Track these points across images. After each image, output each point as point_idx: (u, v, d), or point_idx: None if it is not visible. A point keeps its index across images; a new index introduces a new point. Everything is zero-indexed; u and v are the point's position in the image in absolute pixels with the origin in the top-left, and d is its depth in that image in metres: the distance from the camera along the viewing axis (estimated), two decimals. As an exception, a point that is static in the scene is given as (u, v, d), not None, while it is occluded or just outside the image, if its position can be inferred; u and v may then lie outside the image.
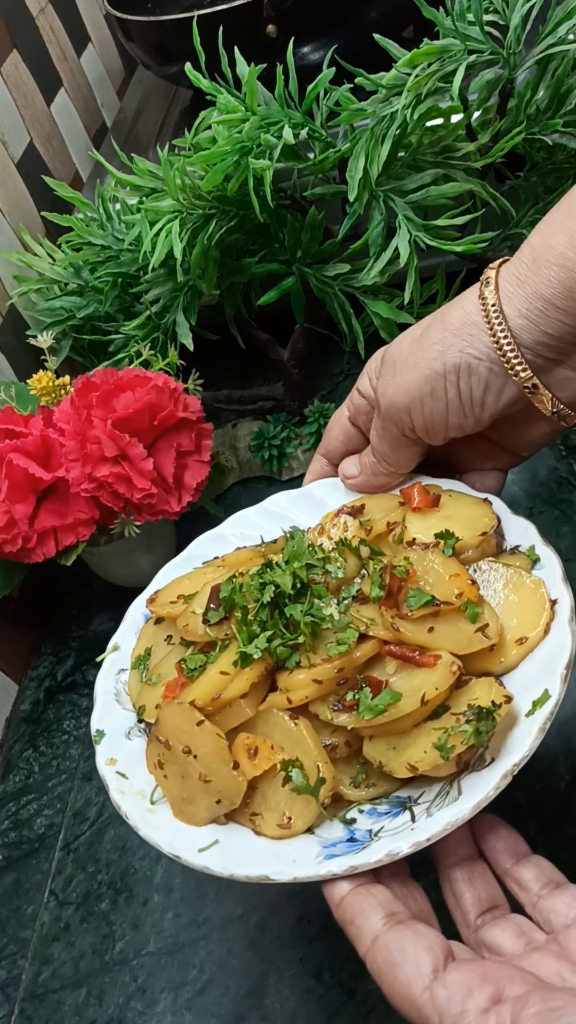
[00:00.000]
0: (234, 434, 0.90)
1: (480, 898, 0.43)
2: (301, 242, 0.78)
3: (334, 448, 0.59)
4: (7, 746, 0.77)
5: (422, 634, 0.47)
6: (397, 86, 0.67)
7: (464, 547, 0.51)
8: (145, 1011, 0.58)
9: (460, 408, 0.49)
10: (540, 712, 0.43)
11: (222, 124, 0.69)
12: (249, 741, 0.47)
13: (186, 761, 0.47)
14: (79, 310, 0.83)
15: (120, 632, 0.57)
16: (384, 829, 0.45)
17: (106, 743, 0.52)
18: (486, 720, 0.43)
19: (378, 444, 0.54)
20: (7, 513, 0.69)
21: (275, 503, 0.61)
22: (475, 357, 0.47)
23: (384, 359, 0.52)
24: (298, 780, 0.45)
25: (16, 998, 0.62)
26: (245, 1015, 0.56)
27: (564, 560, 0.50)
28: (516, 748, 0.43)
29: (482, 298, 0.46)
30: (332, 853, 0.44)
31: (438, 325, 0.49)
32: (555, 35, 0.65)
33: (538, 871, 0.44)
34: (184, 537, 0.83)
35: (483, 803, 0.41)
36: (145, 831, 0.47)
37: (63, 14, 1.09)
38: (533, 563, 0.51)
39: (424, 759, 0.44)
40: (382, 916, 0.40)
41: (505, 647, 0.47)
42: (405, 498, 0.54)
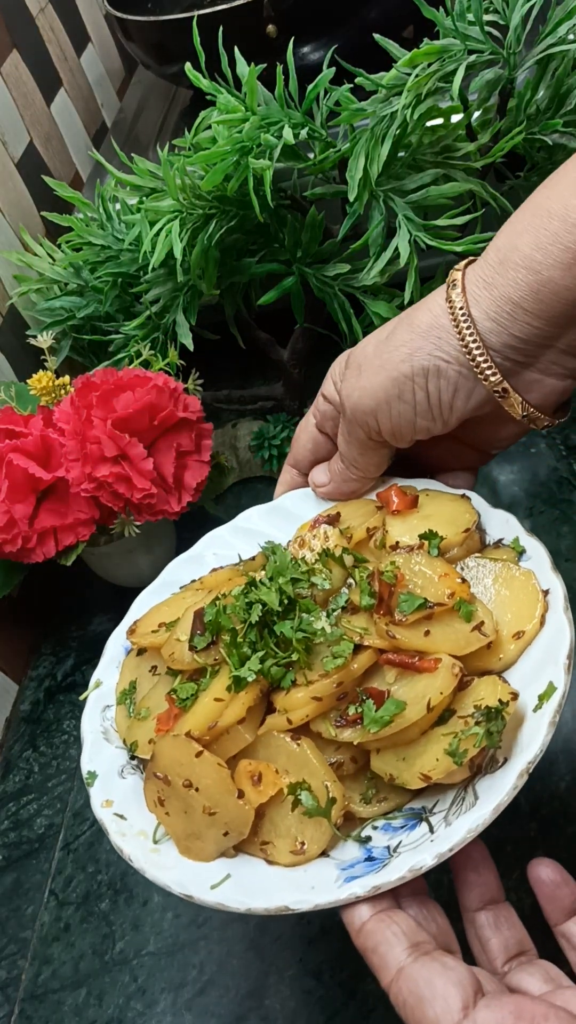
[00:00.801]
0: (234, 434, 0.90)
1: (507, 944, 0.42)
2: (301, 242, 0.78)
3: (303, 457, 0.58)
4: (7, 746, 0.77)
5: (419, 638, 0.46)
6: (397, 86, 0.67)
7: (448, 545, 0.50)
8: (145, 1011, 0.58)
9: (428, 411, 0.48)
10: (548, 705, 0.42)
11: (222, 124, 0.69)
12: (252, 767, 0.45)
13: (188, 795, 0.45)
14: (79, 310, 0.83)
15: (101, 667, 0.55)
16: (403, 844, 0.43)
17: (100, 784, 0.49)
18: (496, 720, 0.42)
19: (346, 450, 0.54)
20: (7, 513, 0.69)
21: (247, 519, 0.59)
22: (444, 360, 0.46)
23: (348, 362, 0.51)
24: (308, 803, 0.44)
25: (16, 998, 0.62)
26: (245, 1015, 0.56)
27: (564, 560, 0.50)
28: (527, 745, 0.42)
29: (449, 300, 0.46)
30: (352, 875, 0.42)
31: (404, 327, 0.48)
32: (555, 35, 0.65)
33: None
34: (184, 537, 0.83)
35: (503, 805, 0.40)
36: (152, 873, 0.44)
37: (63, 14, 1.09)
38: (519, 555, 0.50)
39: (437, 767, 0.42)
40: (406, 946, 0.39)
41: (503, 643, 0.46)
42: (383, 501, 0.53)
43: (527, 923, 0.44)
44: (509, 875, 0.57)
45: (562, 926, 0.43)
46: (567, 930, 0.43)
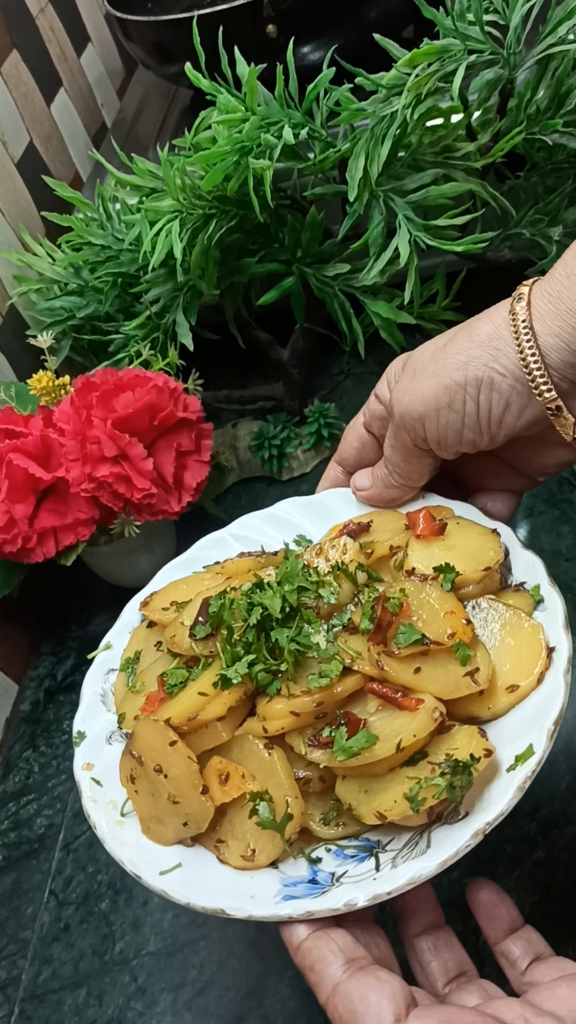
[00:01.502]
0: (234, 434, 0.90)
1: (447, 966, 0.43)
2: (301, 242, 0.78)
3: (348, 455, 0.57)
4: (7, 746, 0.77)
5: (407, 674, 0.45)
6: (397, 86, 0.67)
7: (465, 581, 0.48)
8: (145, 1011, 0.58)
9: (476, 423, 0.47)
10: (521, 769, 0.41)
11: (222, 124, 0.69)
12: (221, 766, 0.46)
13: (157, 780, 0.46)
14: (79, 310, 0.83)
15: (114, 631, 0.56)
16: (347, 874, 0.43)
17: (85, 746, 0.51)
18: (462, 775, 0.41)
19: (390, 454, 0.53)
20: (7, 513, 0.69)
21: (283, 509, 0.59)
22: (499, 372, 0.45)
23: (406, 364, 0.50)
24: (264, 814, 0.44)
25: (16, 998, 0.62)
26: (245, 1015, 0.56)
27: (564, 560, 0.49)
28: (491, 805, 0.41)
29: (512, 313, 0.45)
30: (291, 894, 0.43)
31: (463, 336, 0.47)
32: (555, 35, 0.65)
33: (527, 945, 0.43)
34: (184, 537, 0.83)
35: (449, 862, 0.40)
36: (111, 845, 0.46)
37: (63, 14, 1.09)
38: (536, 604, 0.48)
39: (394, 808, 0.42)
40: (342, 963, 0.39)
41: (495, 693, 0.45)
42: (410, 523, 0.52)
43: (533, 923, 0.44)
44: (509, 875, 0.57)
45: (500, 944, 0.44)
46: (505, 948, 0.43)
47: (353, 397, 0.93)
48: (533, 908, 0.56)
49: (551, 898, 0.56)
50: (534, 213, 0.74)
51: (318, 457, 0.88)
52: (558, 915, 0.55)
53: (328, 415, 0.86)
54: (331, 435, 0.87)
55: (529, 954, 0.43)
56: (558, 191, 0.73)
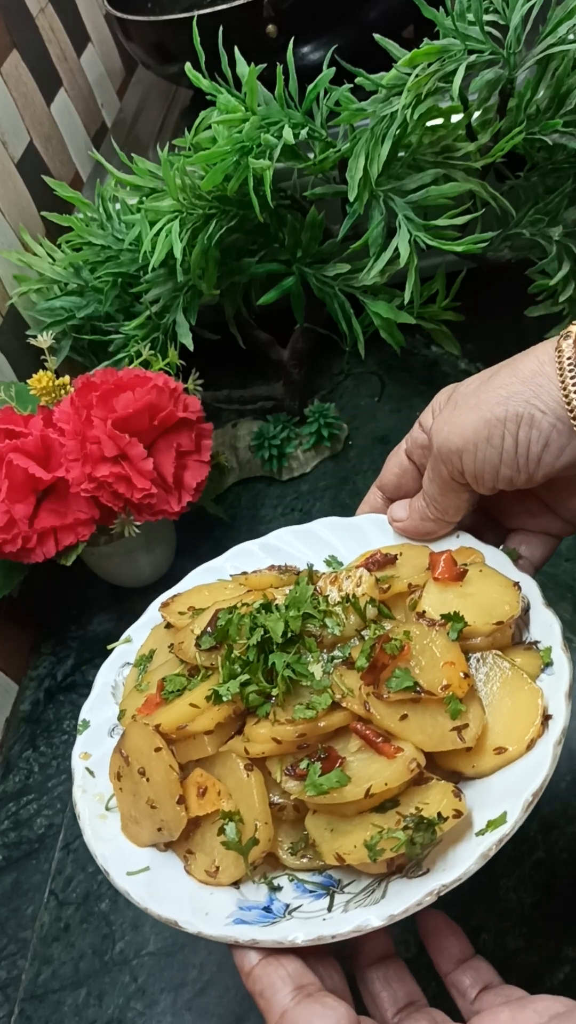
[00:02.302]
0: (234, 434, 0.90)
1: (396, 997, 0.43)
2: (301, 242, 0.78)
3: (389, 481, 0.56)
4: (7, 746, 0.77)
5: (393, 720, 0.44)
6: (397, 86, 0.67)
7: (474, 632, 0.47)
8: (145, 1011, 0.58)
9: (514, 460, 0.46)
10: (490, 836, 0.40)
11: (222, 124, 0.69)
12: (201, 780, 0.46)
13: (140, 781, 0.47)
14: (79, 310, 0.83)
15: (137, 624, 0.57)
16: (301, 908, 0.43)
17: (87, 735, 0.52)
18: (425, 832, 0.40)
19: (428, 486, 0.52)
20: (7, 513, 0.69)
21: (319, 528, 0.59)
22: (540, 410, 0.44)
23: (451, 396, 0.50)
24: (231, 835, 0.44)
25: (16, 998, 0.62)
26: (245, 1015, 0.56)
27: (564, 560, 0.49)
28: (454, 866, 0.40)
29: (559, 350, 0.44)
30: (242, 918, 0.43)
31: (507, 371, 0.46)
32: (555, 35, 0.65)
33: (476, 975, 0.43)
34: (184, 537, 0.83)
35: (397, 918, 0.39)
36: (89, 836, 0.47)
37: (63, 14, 1.09)
38: (544, 666, 0.46)
39: (353, 853, 0.42)
40: (291, 989, 0.39)
41: (482, 752, 0.44)
42: (431, 564, 0.51)
43: (533, 923, 0.44)
44: (509, 875, 0.57)
45: (451, 975, 0.44)
46: (455, 979, 0.44)
47: (353, 397, 0.93)
48: (533, 908, 0.56)
49: (551, 898, 0.56)
50: (534, 213, 0.74)
51: (318, 457, 0.88)
52: (558, 915, 0.55)
53: (328, 415, 0.86)
54: (331, 435, 0.87)
55: (478, 983, 0.43)
56: (558, 191, 0.73)
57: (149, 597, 0.58)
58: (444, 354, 0.91)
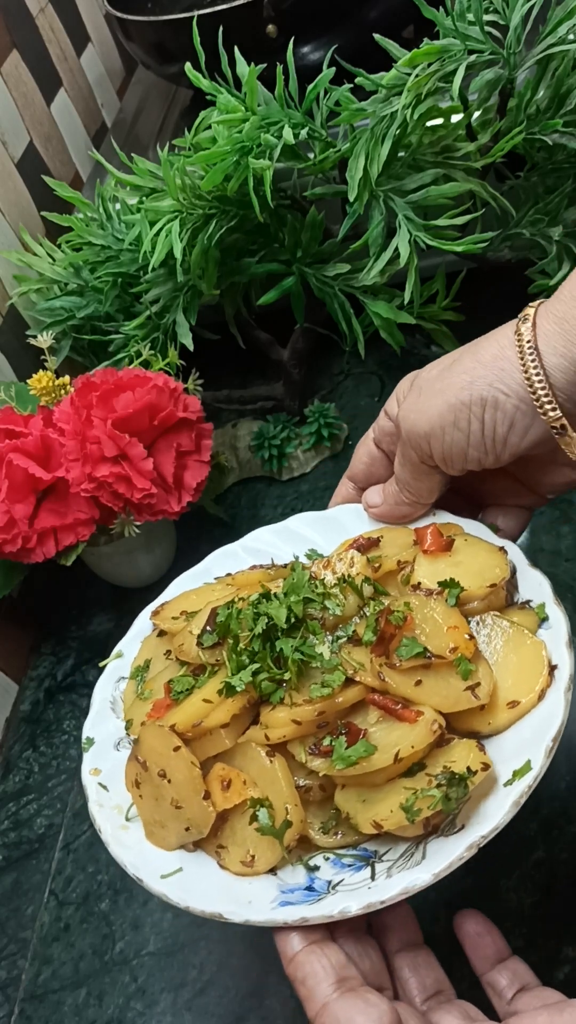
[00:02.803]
0: (234, 434, 0.90)
1: (425, 984, 0.43)
2: (301, 242, 0.78)
3: (359, 471, 0.58)
4: (7, 746, 0.77)
5: (408, 686, 0.45)
6: (397, 86, 0.67)
7: (470, 597, 0.49)
8: (145, 1011, 0.58)
9: (481, 442, 0.47)
10: (518, 784, 0.41)
11: (222, 124, 0.69)
12: (224, 773, 0.46)
13: (160, 784, 0.46)
14: (79, 310, 0.83)
15: (126, 639, 0.57)
16: (343, 883, 0.44)
17: (93, 752, 0.51)
18: (458, 787, 0.41)
19: (399, 471, 0.53)
20: (7, 513, 0.69)
21: (295, 524, 0.59)
22: (504, 393, 0.45)
23: (414, 383, 0.51)
24: (264, 821, 0.44)
25: (16, 998, 0.62)
26: (245, 1015, 0.56)
27: (564, 560, 0.50)
28: (487, 818, 0.41)
29: (518, 334, 0.45)
30: (287, 900, 0.43)
31: (469, 356, 0.48)
32: (555, 35, 0.65)
33: (512, 976, 0.44)
34: (184, 537, 0.83)
35: (442, 874, 0.40)
36: (114, 848, 0.46)
37: (63, 14, 1.09)
38: (540, 622, 0.48)
39: (390, 818, 0.42)
40: (333, 981, 0.40)
41: (496, 709, 0.45)
42: (418, 539, 0.52)
43: (533, 923, 0.44)
44: (509, 875, 0.57)
45: (487, 975, 0.44)
46: (492, 979, 0.44)
47: (353, 397, 0.93)
48: (533, 908, 0.56)
49: (551, 898, 0.56)
50: (534, 213, 0.74)
51: (318, 457, 0.88)
52: (558, 915, 0.55)
53: (328, 415, 0.86)
54: (331, 435, 0.87)
55: (515, 984, 0.43)
56: (558, 191, 0.73)
57: (149, 597, 0.59)
58: (444, 354, 0.91)
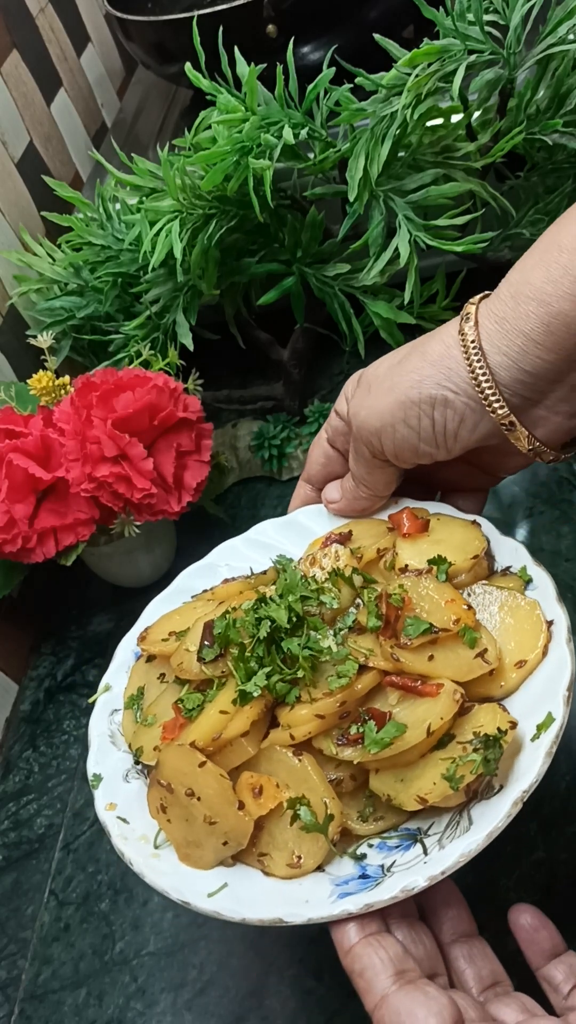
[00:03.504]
0: (234, 434, 0.90)
1: (481, 975, 0.43)
2: (301, 242, 0.78)
3: (315, 472, 0.58)
4: (7, 746, 0.77)
5: (422, 663, 0.46)
6: (397, 86, 0.67)
7: (457, 571, 0.50)
8: (145, 1011, 0.58)
9: (432, 438, 0.48)
10: (545, 736, 0.43)
11: (222, 124, 0.69)
12: (253, 780, 0.46)
13: (190, 804, 0.46)
14: (79, 310, 0.83)
15: (111, 672, 0.56)
16: (396, 863, 0.44)
17: (104, 787, 0.50)
18: (493, 748, 0.42)
19: (354, 467, 0.54)
20: (7, 513, 0.69)
21: (261, 532, 0.60)
22: (452, 391, 0.46)
23: (360, 380, 0.52)
24: (307, 818, 0.45)
25: (16, 998, 0.62)
26: (245, 1015, 0.56)
27: (564, 560, 0.50)
28: (523, 774, 0.42)
29: (462, 333, 0.46)
30: (345, 891, 0.43)
31: (417, 354, 0.48)
32: (555, 35, 0.65)
33: (568, 970, 0.44)
34: (184, 537, 0.83)
35: (495, 832, 0.41)
36: (151, 877, 0.45)
37: (63, 14, 1.09)
38: (526, 584, 0.50)
39: (434, 790, 0.43)
40: (392, 973, 0.40)
41: (505, 671, 0.47)
42: (394, 524, 0.54)
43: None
44: (509, 875, 0.57)
45: (543, 969, 0.44)
46: (547, 973, 0.44)
47: (353, 397, 0.93)
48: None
49: (551, 898, 0.56)
50: (534, 213, 0.74)
51: (318, 457, 0.88)
52: (558, 915, 0.55)
53: (328, 415, 0.86)
54: (331, 435, 0.87)
55: (572, 978, 0.43)
56: (558, 191, 0.73)
57: (149, 597, 0.58)
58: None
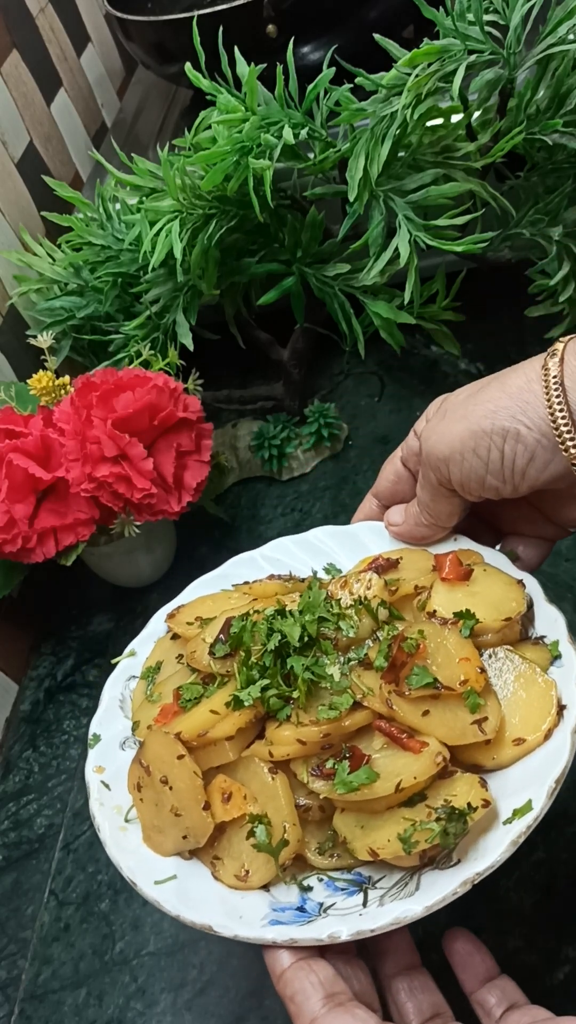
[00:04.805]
0: (234, 434, 0.90)
1: (422, 1007, 0.43)
2: (301, 242, 0.78)
3: (384, 488, 0.58)
4: (7, 746, 0.77)
5: (415, 716, 0.45)
6: (397, 86, 0.67)
7: (484, 629, 0.49)
8: (145, 1011, 0.58)
9: (500, 471, 0.47)
10: (518, 823, 0.41)
11: (222, 124, 0.69)
12: (225, 785, 0.47)
13: (162, 791, 0.47)
14: (79, 310, 0.83)
15: (139, 638, 0.57)
16: (335, 906, 0.44)
17: (99, 749, 0.51)
18: (457, 822, 0.41)
19: (420, 492, 0.53)
20: (7, 513, 0.69)
21: (317, 536, 0.59)
22: (526, 426, 0.46)
23: (442, 405, 0.51)
24: (261, 837, 0.45)
25: (16, 998, 0.62)
26: (245, 1015, 0.56)
27: (564, 560, 0.50)
28: (485, 855, 0.41)
29: (545, 368, 0.45)
30: (278, 919, 0.43)
31: (496, 385, 0.48)
32: (555, 35, 0.65)
33: (501, 994, 0.44)
34: (184, 537, 0.83)
35: (435, 907, 0.40)
36: (112, 849, 0.46)
37: (63, 14, 1.09)
38: (553, 659, 0.48)
39: (387, 847, 0.42)
40: (322, 996, 0.40)
41: (501, 744, 0.45)
42: (437, 565, 0.52)
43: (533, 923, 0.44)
44: (509, 875, 0.57)
45: (476, 993, 0.44)
46: (481, 997, 0.44)
47: (353, 397, 0.93)
48: (533, 908, 0.56)
49: (551, 898, 0.56)
50: (534, 213, 0.74)
51: (318, 457, 0.88)
52: (558, 915, 0.55)
53: (328, 415, 0.86)
54: (331, 435, 0.87)
55: (504, 1003, 0.43)
56: (558, 191, 0.73)
57: (149, 597, 0.59)
58: (444, 354, 0.91)
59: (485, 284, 0.83)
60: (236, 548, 0.82)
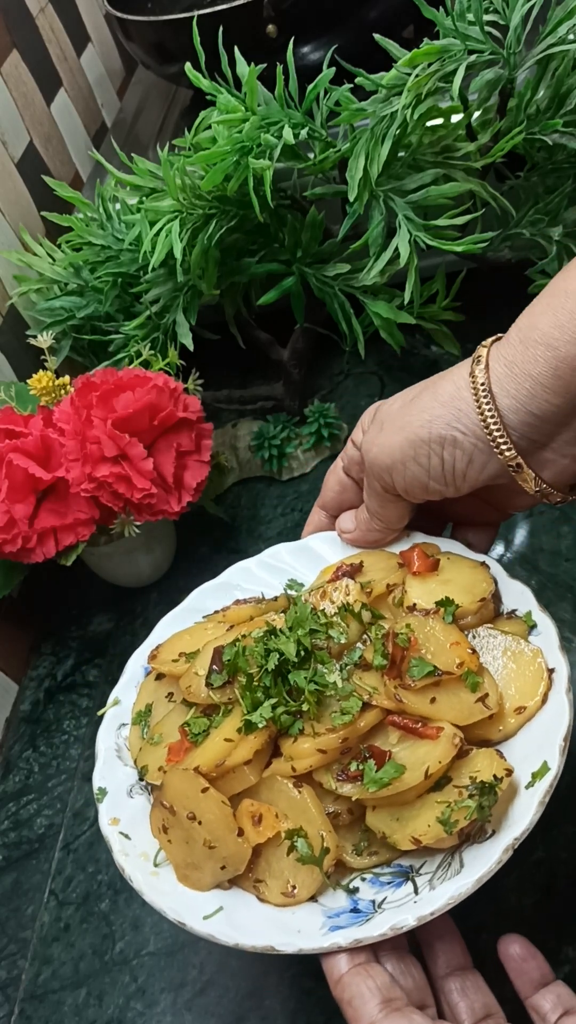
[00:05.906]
0: (234, 434, 0.90)
1: (474, 1008, 0.44)
2: (301, 242, 0.78)
3: (330, 499, 0.59)
4: (7, 746, 0.77)
5: (425, 705, 0.47)
6: (397, 86, 0.67)
7: (463, 613, 0.51)
8: (145, 1011, 0.58)
9: (441, 476, 0.49)
10: (540, 784, 0.44)
11: (222, 124, 0.69)
12: (253, 808, 0.47)
13: (191, 827, 0.47)
14: (79, 310, 0.83)
15: (120, 686, 0.57)
16: (388, 900, 0.45)
17: (108, 802, 0.51)
18: (488, 795, 0.43)
19: (368, 500, 0.55)
20: (7, 513, 0.69)
21: (275, 556, 0.61)
22: (461, 432, 0.47)
23: (376, 415, 0.53)
24: (303, 850, 0.45)
25: (16, 998, 0.62)
26: (245, 1015, 0.56)
27: (564, 560, 0.50)
28: (517, 821, 0.43)
29: (472, 375, 0.47)
30: (337, 924, 0.44)
31: (429, 393, 0.49)
32: (555, 35, 0.65)
33: (556, 999, 0.44)
34: (184, 537, 0.83)
35: (485, 877, 0.42)
36: (150, 895, 0.46)
37: (63, 14, 1.09)
38: (530, 629, 0.51)
39: (428, 832, 0.44)
40: (379, 1002, 0.41)
41: (504, 716, 0.48)
42: (405, 561, 0.54)
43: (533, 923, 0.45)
44: (509, 875, 0.57)
45: (531, 999, 0.45)
46: (535, 1003, 0.45)
47: (353, 397, 0.93)
48: (533, 908, 0.56)
49: (551, 898, 0.56)
50: (534, 213, 0.74)
51: (318, 457, 0.88)
52: (558, 915, 0.55)
53: (328, 415, 0.86)
54: (331, 435, 0.87)
55: (559, 1008, 0.44)
56: (558, 191, 0.73)
57: (149, 597, 0.59)
58: (444, 354, 0.91)
59: (485, 284, 0.83)
60: (236, 548, 0.83)
